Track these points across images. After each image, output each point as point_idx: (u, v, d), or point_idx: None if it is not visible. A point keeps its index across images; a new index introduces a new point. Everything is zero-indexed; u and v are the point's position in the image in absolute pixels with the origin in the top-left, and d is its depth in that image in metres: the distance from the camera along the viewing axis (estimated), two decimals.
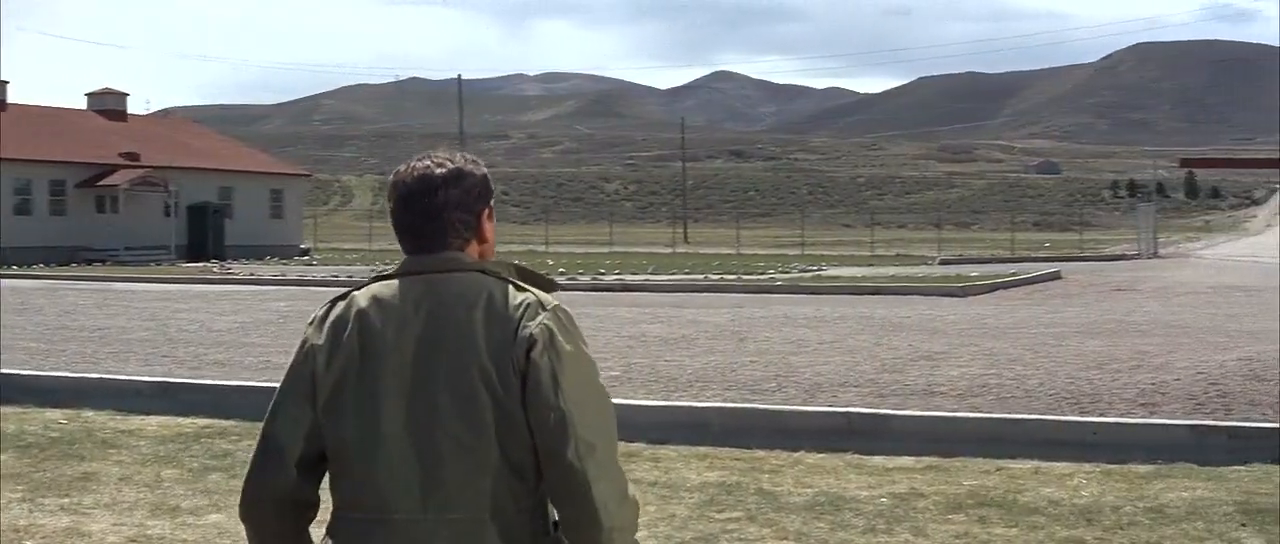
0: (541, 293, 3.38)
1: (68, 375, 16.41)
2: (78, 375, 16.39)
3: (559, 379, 3.24)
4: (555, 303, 3.35)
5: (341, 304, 3.41)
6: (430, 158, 3.46)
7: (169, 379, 16.19)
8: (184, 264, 60.61)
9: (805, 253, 76.70)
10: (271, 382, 15.94)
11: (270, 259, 65.87)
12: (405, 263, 3.42)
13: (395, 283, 3.38)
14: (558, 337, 3.28)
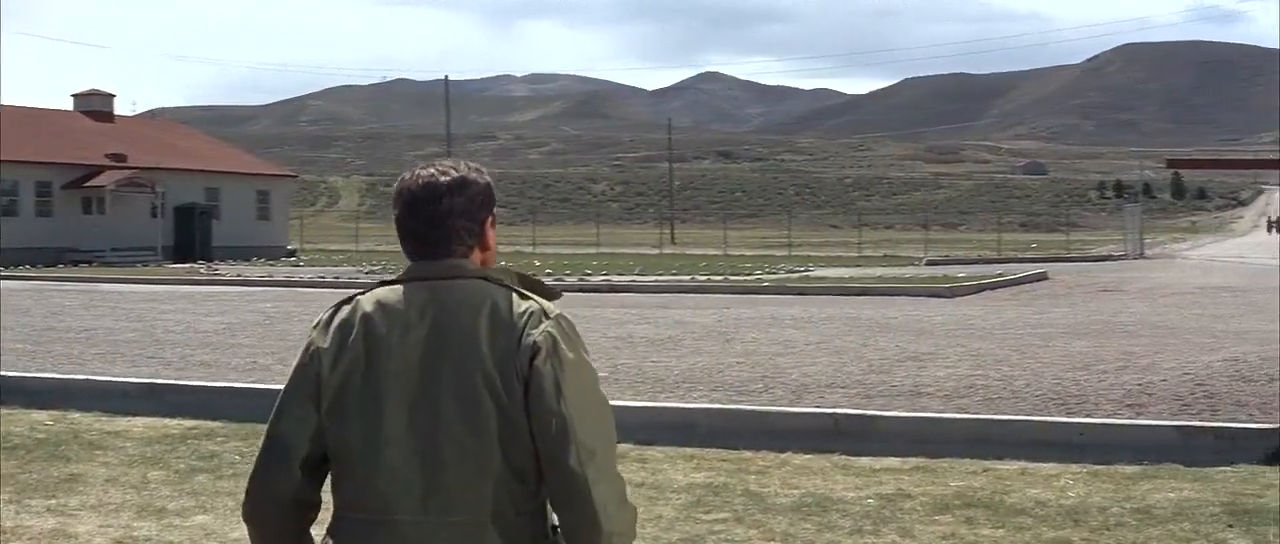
0: (544, 301, 3.42)
1: (54, 376, 16.36)
2: (64, 376, 16.34)
3: (561, 386, 3.29)
4: (558, 311, 3.40)
5: (347, 308, 3.45)
6: (435, 166, 3.50)
7: (155, 380, 16.14)
8: (171, 265, 60.45)
9: (792, 254, 76.69)
10: (258, 383, 16.03)
11: (257, 260, 65.75)
12: (410, 269, 3.46)
13: (400, 288, 3.42)
14: (561, 344, 3.33)
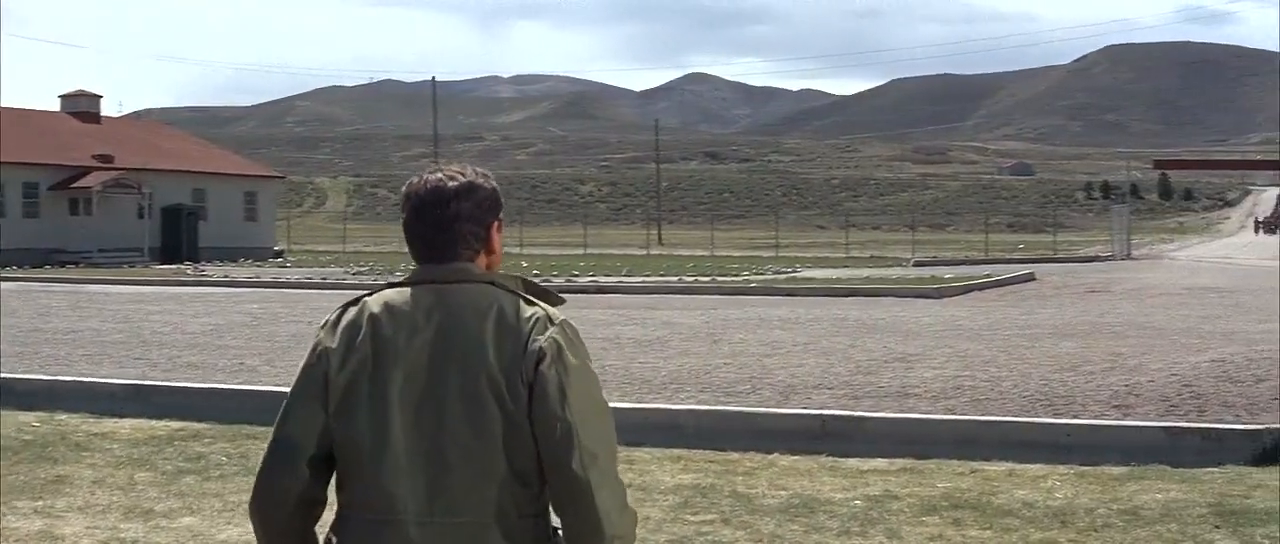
0: (549, 307, 3.47)
1: (41, 378, 16.33)
2: (51, 378, 16.31)
3: (566, 392, 3.34)
4: (562, 317, 3.44)
5: (354, 309, 3.48)
6: (443, 170, 3.55)
7: (143, 382, 16.14)
8: (158, 266, 60.37)
9: (780, 255, 76.78)
10: (245, 385, 16.01)
11: (244, 261, 65.59)
12: (416, 271, 3.50)
13: (407, 290, 3.46)
14: (565, 351, 3.38)
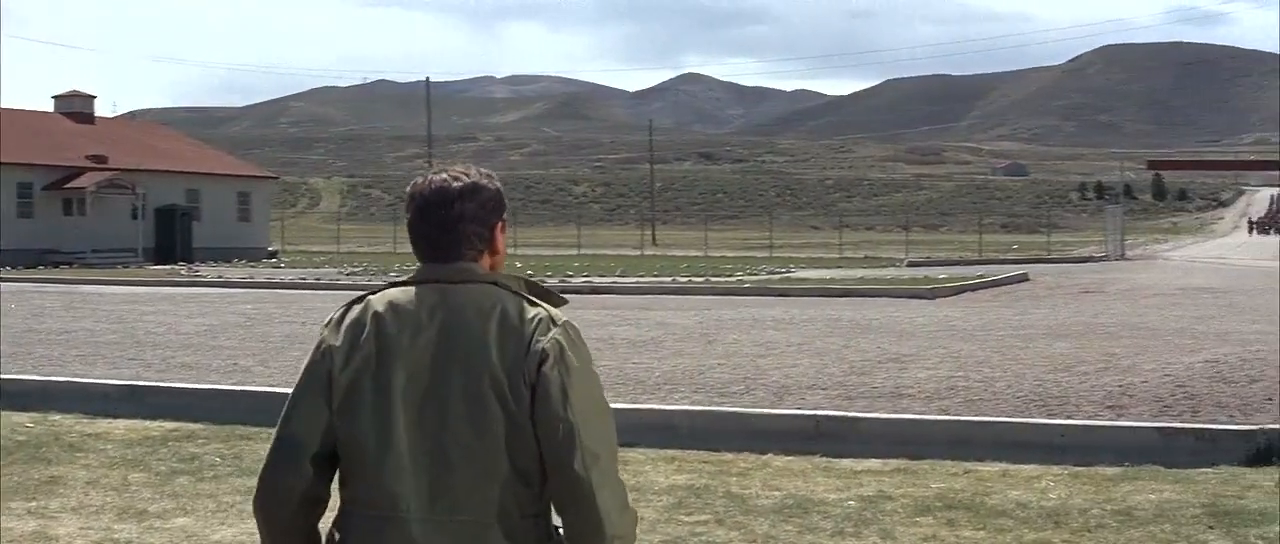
0: (552, 308, 3.48)
1: (35, 378, 16.30)
2: (45, 378, 16.29)
3: (568, 393, 3.36)
4: (565, 319, 3.46)
5: (358, 307, 3.50)
6: (448, 171, 3.57)
7: (136, 382, 16.10)
8: (152, 267, 60.37)
9: (773, 255, 76.78)
10: (239, 385, 16.01)
11: (238, 261, 65.64)
12: (420, 271, 3.51)
13: (412, 289, 3.48)
14: (568, 352, 3.40)
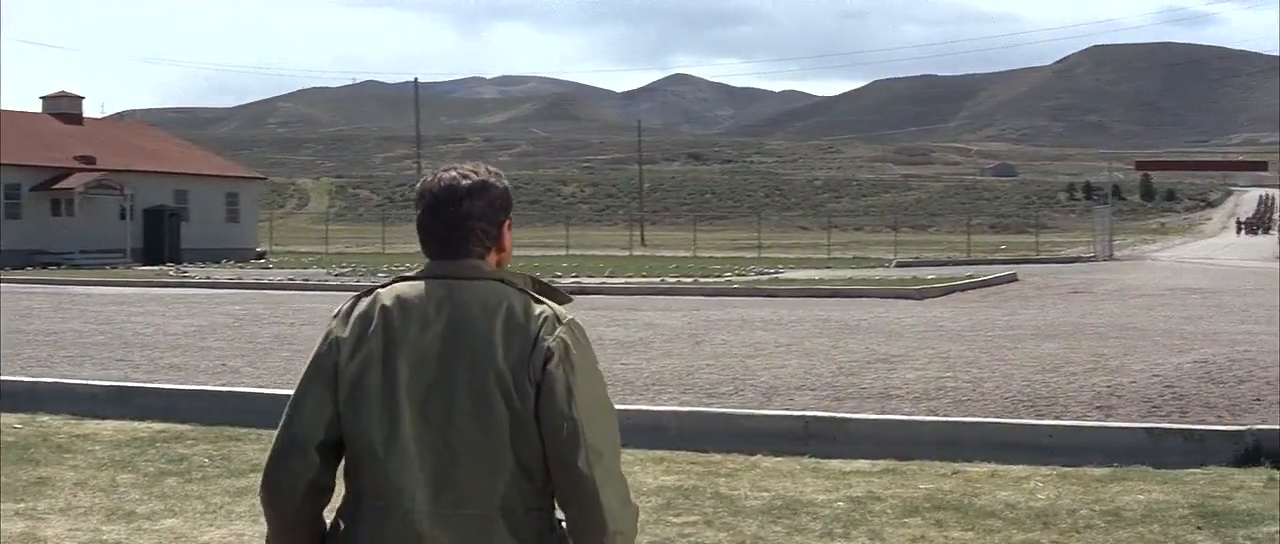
0: (557, 306, 3.53)
1: (22, 379, 16.24)
2: (32, 379, 16.24)
3: (573, 391, 3.41)
4: (570, 317, 3.51)
5: (366, 300, 3.54)
6: (457, 169, 3.64)
7: (125, 383, 16.09)
8: (140, 267, 60.26)
9: (762, 255, 76.80)
10: (228, 386, 16.00)
11: (226, 262, 65.46)
12: (428, 266, 3.56)
13: (419, 284, 3.52)
14: (573, 350, 3.45)
